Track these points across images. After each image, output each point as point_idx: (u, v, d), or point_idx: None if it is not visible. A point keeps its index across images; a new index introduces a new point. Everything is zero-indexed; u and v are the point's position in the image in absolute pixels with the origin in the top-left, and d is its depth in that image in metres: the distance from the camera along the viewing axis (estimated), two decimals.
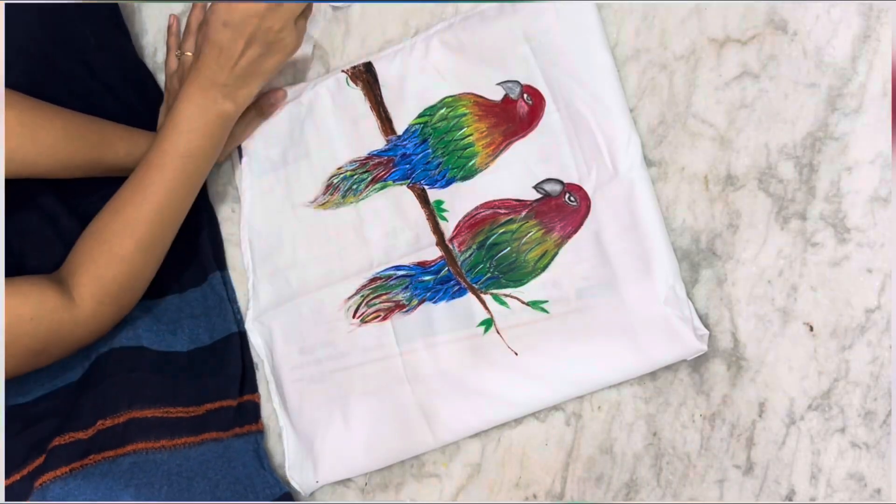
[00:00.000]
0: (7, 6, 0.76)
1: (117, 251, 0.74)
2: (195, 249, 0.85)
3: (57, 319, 0.71)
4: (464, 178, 0.77)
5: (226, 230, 0.87)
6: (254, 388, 0.84)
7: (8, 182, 0.76)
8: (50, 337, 0.71)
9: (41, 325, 0.70)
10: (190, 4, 0.86)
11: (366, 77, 0.81)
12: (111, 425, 0.76)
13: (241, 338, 0.85)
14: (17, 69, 0.77)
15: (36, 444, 0.75)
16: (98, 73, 0.84)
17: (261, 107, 0.83)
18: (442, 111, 0.78)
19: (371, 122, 0.81)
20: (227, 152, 0.85)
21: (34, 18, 0.79)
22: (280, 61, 0.77)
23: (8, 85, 0.75)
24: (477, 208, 0.77)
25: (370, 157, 0.81)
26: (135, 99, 0.86)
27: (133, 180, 0.76)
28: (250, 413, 0.83)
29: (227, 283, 0.86)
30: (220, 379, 0.82)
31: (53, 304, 0.71)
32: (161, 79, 0.89)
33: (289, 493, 0.80)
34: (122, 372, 0.78)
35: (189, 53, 0.83)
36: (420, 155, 0.79)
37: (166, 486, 0.74)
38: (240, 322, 0.85)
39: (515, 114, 0.76)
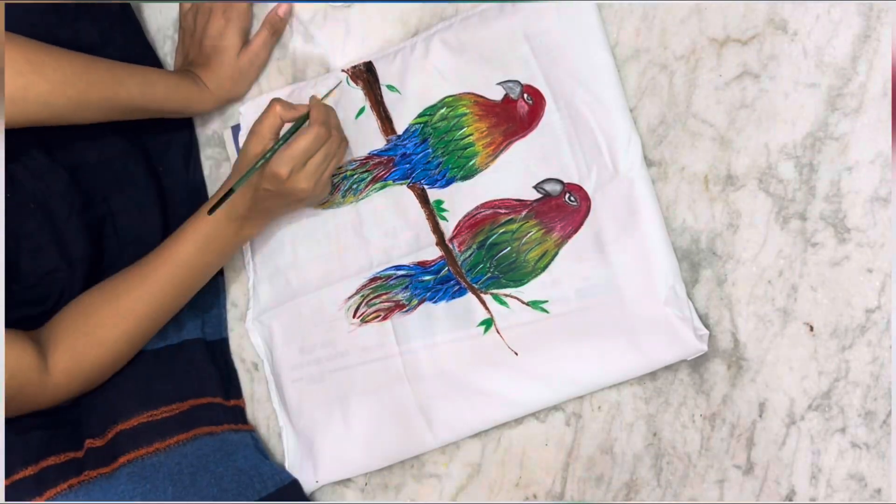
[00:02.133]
0: (9, 6, 0.76)
1: (101, 336, 0.74)
2: None
3: (27, 380, 0.71)
4: (464, 178, 0.77)
5: None
6: (239, 394, 0.85)
7: (9, 180, 0.75)
8: (15, 395, 0.71)
9: (12, 382, 0.69)
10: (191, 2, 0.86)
11: (366, 77, 0.81)
12: (101, 445, 0.76)
13: (219, 345, 0.85)
14: None
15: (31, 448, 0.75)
16: None
17: (272, 25, 0.84)
18: (442, 111, 0.78)
19: (371, 121, 0.81)
20: (251, 83, 0.86)
21: (38, 19, 0.79)
22: (307, 207, 0.79)
23: None
24: (477, 208, 0.76)
25: (370, 156, 0.81)
26: None
27: (136, 272, 0.76)
28: (239, 417, 0.83)
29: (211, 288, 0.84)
30: (194, 379, 0.81)
31: (28, 364, 0.71)
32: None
33: (297, 482, 0.80)
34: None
35: None
36: (420, 154, 0.79)
37: (171, 485, 0.74)
38: (222, 328, 0.86)
39: (516, 113, 0.76)
